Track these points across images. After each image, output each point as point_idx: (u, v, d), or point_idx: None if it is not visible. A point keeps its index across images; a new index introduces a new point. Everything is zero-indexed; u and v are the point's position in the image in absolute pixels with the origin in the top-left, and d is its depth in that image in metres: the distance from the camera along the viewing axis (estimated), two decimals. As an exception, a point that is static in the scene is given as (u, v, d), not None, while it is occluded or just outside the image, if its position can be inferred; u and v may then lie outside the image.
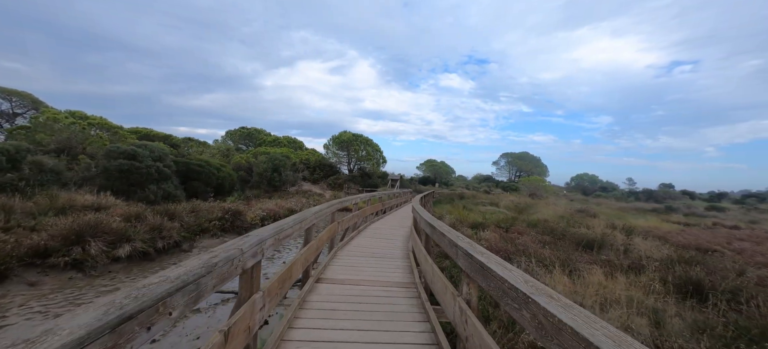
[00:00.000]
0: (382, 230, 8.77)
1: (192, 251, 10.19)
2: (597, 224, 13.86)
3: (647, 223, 19.43)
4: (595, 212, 22.05)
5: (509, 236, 10.98)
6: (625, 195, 44.15)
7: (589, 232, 11.18)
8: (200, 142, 37.17)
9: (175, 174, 17.91)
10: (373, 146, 34.48)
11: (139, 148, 16.40)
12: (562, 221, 16.89)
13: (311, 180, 29.55)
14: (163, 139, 36.86)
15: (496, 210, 19.68)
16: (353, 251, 6.03)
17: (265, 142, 42.96)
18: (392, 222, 10.75)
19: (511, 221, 14.37)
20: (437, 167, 62.54)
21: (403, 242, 7.33)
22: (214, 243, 11.28)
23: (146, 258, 8.91)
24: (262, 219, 14.80)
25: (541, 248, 8.53)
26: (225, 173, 21.43)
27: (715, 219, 23.86)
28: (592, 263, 7.45)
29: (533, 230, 12.90)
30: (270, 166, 24.18)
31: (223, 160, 30.65)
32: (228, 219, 12.75)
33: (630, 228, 12.88)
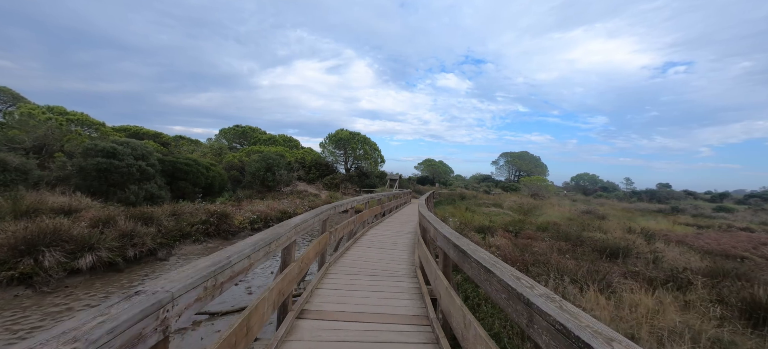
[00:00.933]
0: (382, 236, 7.75)
1: (169, 260, 9.12)
2: (611, 228, 12.93)
3: (658, 225, 18.55)
4: (603, 213, 21.18)
5: (521, 242, 10.02)
6: (627, 195, 43.43)
7: (608, 237, 10.23)
8: (192, 141, 35.96)
9: (160, 174, 16.78)
10: (371, 145, 33.43)
11: (120, 146, 15.26)
12: (572, 223, 15.98)
13: (307, 180, 28.45)
14: (153, 138, 35.65)
15: (500, 211, 18.73)
16: (348, 266, 5.00)
17: (260, 140, 41.79)
18: (394, 226, 9.73)
19: (519, 224, 13.41)
20: (436, 167, 61.62)
21: (408, 251, 6.32)
22: (195, 250, 10.22)
23: (113, 269, 7.84)
24: (252, 222, 13.75)
25: (560, 257, 7.55)
26: (215, 173, 20.31)
27: (724, 220, 23.09)
28: (623, 276, 6.47)
29: (544, 234, 11.95)
30: (263, 165, 23.08)
31: (216, 159, 29.52)
32: (213, 223, 11.68)
33: (649, 232, 11.95)
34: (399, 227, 9.75)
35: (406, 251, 6.41)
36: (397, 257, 5.85)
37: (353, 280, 4.33)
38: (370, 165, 33.05)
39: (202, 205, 14.15)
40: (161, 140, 35.22)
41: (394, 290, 4.08)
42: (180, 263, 9.01)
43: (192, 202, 16.86)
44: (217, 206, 14.10)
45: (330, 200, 23.23)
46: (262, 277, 7.37)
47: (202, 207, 13.22)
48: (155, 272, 8.20)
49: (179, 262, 9.11)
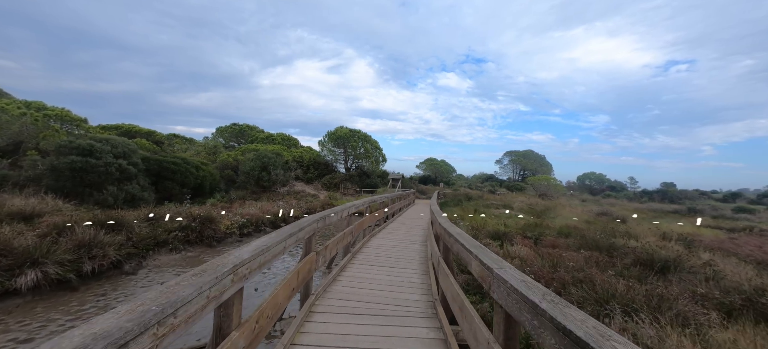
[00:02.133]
0: (386, 248, 6.41)
1: (137, 274, 7.82)
2: (641, 233, 11.56)
3: (682, 228, 17.17)
4: (619, 215, 19.81)
5: (546, 252, 8.69)
6: (637, 195, 41.98)
7: (645, 246, 8.89)
8: (186, 140, 34.71)
9: (143, 174, 15.49)
10: (372, 143, 32.07)
11: (98, 143, 13.97)
12: (592, 227, 14.63)
13: (304, 180, 27.14)
14: (146, 136, 34.42)
15: (511, 213, 17.38)
16: (343, 298, 3.68)
17: (258, 139, 40.52)
18: (399, 233, 8.40)
19: (537, 229, 12.07)
20: (438, 166, 60.30)
21: (420, 271, 4.99)
22: (171, 260, 8.92)
23: (65, 288, 6.55)
24: (241, 227, 12.45)
25: (602, 274, 6.21)
26: (205, 173, 19.01)
27: (747, 222, 21.70)
28: (692, 300, 5.14)
29: (567, 240, 10.62)
30: (258, 164, 21.78)
31: (210, 158, 28.27)
32: (195, 228, 10.38)
33: (687, 239, 10.60)
34: (405, 234, 8.43)
35: (417, 269, 5.08)
36: (408, 279, 4.53)
37: (348, 324, 3.00)
38: (371, 164, 31.72)
39: (186, 208, 12.86)
40: (154, 139, 33.97)
41: (407, 339, 2.76)
42: (150, 278, 7.71)
43: (180, 204, 15.60)
44: (202, 208, 12.80)
45: (329, 200, 21.94)
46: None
47: (184, 210, 11.91)
48: (117, 290, 6.91)
49: (149, 276, 7.81)
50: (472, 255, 2.14)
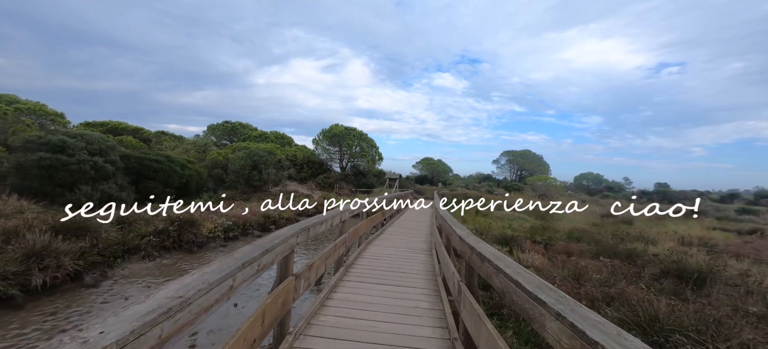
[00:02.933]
0: (384, 260, 5.51)
1: (100, 286, 6.84)
2: (657, 237, 10.82)
3: (690, 230, 16.56)
4: (624, 217, 19.17)
5: (561, 260, 7.88)
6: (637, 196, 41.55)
7: (670, 253, 8.11)
8: (175, 137, 33.48)
9: (122, 172, 14.42)
10: (368, 141, 31.11)
11: (71, 139, 12.88)
12: (600, 230, 13.90)
13: (298, 179, 26.14)
14: (133, 133, 33.21)
15: (515, 215, 16.60)
16: (332, 339, 2.77)
17: (250, 137, 39.38)
18: (399, 239, 7.50)
19: (546, 233, 11.28)
20: (434, 166, 59.57)
21: (428, 294, 4.09)
22: (143, 269, 7.93)
23: (6, 305, 5.55)
24: (227, 230, 11.47)
25: (635, 289, 5.38)
26: (191, 171, 17.95)
27: (753, 224, 21.20)
28: (750, 324, 4.33)
29: (578, 244, 9.83)
30: (248, 163, 20.75)
31: (199, 156, 27.16)
32: (172, 233, 9.39)
33: (709, 243, 9.87)
34: (406, 240, 7.54)
35: (425, 287, 4.19)
36: (415, 303, 3.64)
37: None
38: (367, 163, 30.78)
39: (163, 210, 11.84)
40: (142, 136, 32.73)
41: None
42: (115, 291, 6.73)
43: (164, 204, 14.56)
44: (184, 210, 11.79)
45: (322, 201, 20.98)
46: None
47: (163, 212, 10.91)
48: (71, 307, 5.94)
49: (114, 288, 6.83)
50: (529, 297, 1.26)
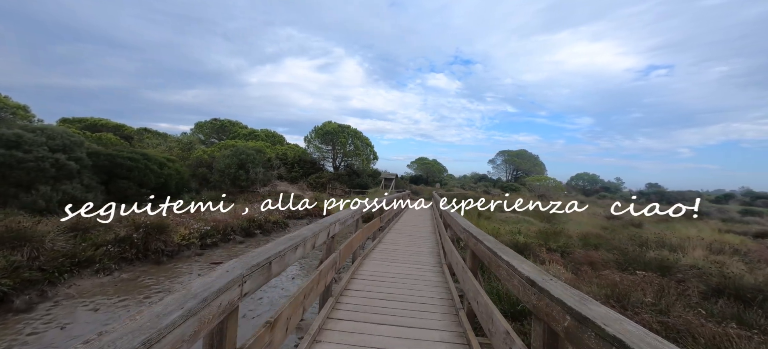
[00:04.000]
0: (385, 284, 4.37)
1: (34, 310, 5.56)
2: (677, 241, 9.86)
3: (700, 233, 15.77)
4: (630, 219, 18.35)
5: (586, 271, 6.84)
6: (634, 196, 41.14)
7: (709, 264, 7.13)
8: (159, 134, 31.85)
9: (89, 171, 13.01)
10: (363, 140, 29.89)
11: (30, 134, 11.47)
12: (612, 234, 12.97)
13: (289, 179, 24.84)
14: (114, 130, 31.52)
15: (518, 217, 15.62)
16: None
17: (239, 135, 37.85)
18: (400, 252, 6.36)
19: (559, 239, 10.25)
20: (429, 166, 58.65)
21: (448, 329, 2.95)
22: (96, 286, 6.66)
23: None
24: (204, 236, 10.20)
25: (694, 316, 4.34)
26: (171, 170, 16.57)
27: (759, 225, 20.61)
28: None
29: (597, 252, 8.82)
30: (234, 161, 19.41)
31: (184, 154, 25.67)
32: (136, 241, 8.10)
33: (740, 250, 8.95)
34: (409, 252, 6.41)
35: (444, 327, 3.05)
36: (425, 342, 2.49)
37: None
38: (361, 162, 29.58)
39: (132, 213, 10.53)
40: (123, 133, 31.07)
41: None
42: (52, 315, 5.47)
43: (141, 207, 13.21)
44: (155, 215, 10.48)
45: (315, 201, 19.75)
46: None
47: (129, 217, 9.60)
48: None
49: (53, 312, 5.57)
50: None
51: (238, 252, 10.10)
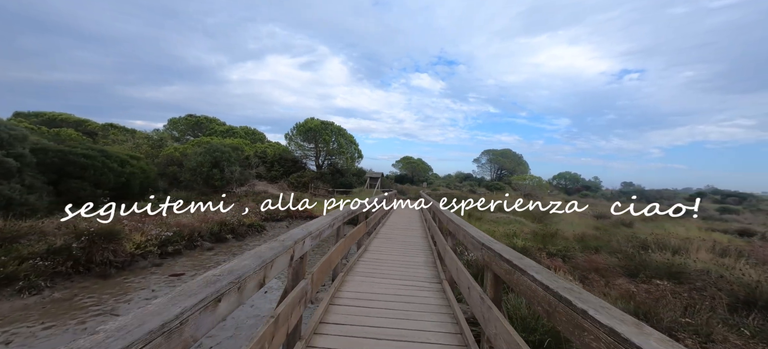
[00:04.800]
0: (375, 307, 3.47)
1: None
2: (678, 242, 9.44)
3: (688, 232, 15.73)
4: (620, 219, 18.20)
5: (595, 279, 6.18)
6: (614, 195, 41.96)
7: (718, 268, 6.61)
8: (127, 130, 29.62)
9: (35, 169, 11.43)
10: (347, 137, 28.74)
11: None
12: (605, 233, 12.56)
13: (268, 178, 23.46)
14: (75, 125, 29.13)
15: (509, 218, 15.05)
16: None
17: (217, 132, 35.94)
18: (389, 264, 5.46)
19: (559, 242, 9.65)
20: (414, 165, 58.12)
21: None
22: (14, 309, 5.42)
23: None
24: (164, 243, 8.97)
25: (744, 342, 3.66)
26: (134, 169, 15.03)
27: (737, 223, 21.00)
28: None
29: (598, 255, 8.24)
30: (207, 159, 17.96)
31: (153, 151, 23.84)
32: (75, 251, 6.83)
33: (743, 251, 8.56)
34: (400, 260, 5.54)
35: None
36: None
37: None
38: (345, 161, 28.49)
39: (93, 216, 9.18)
40: (86, 129, 28.73)
41: None
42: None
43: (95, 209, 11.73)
44: (109, 220, 9.14)
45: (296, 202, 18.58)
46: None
47: (71, 222, 8.26)
48: None
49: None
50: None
51: (204, 261, 8.93)
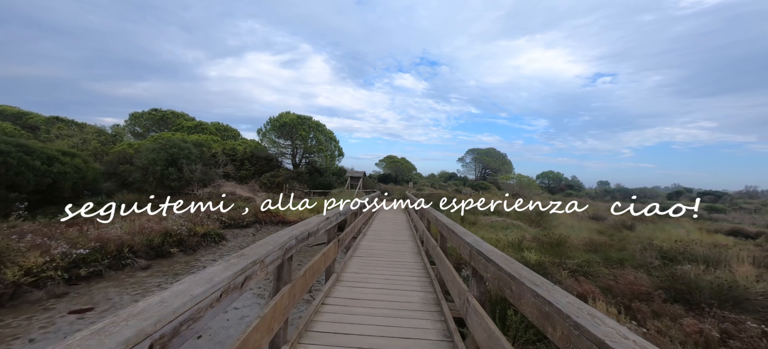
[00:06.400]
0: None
1: None
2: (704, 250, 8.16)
3: (691, 235, 14.81)
4: (617, 220, 17.20)
5: (640, 311, 4.67)
6: (599, 194, 41.93)
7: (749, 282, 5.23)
8: (77, 124, 26.33)
9: None
10: (327, 134, 26.63)
11: None
12: (613, 238, 11.32)
13: (237, 178, 21.14)
14: (15, 118, 25.71)
15: (504, 222, 13.60)
16: None
17: (184, 127, 32.94)
18: (375, 302, 3.66)
19: (570, 252, 8.17)
20: (398, 164, 56.53)
21: None
22: None
23: None
24: (75, 264, 6.83)
25: None
26: (66, 167, 12.52)
27: (728, 223, 20.62)
28: None
29: (626, 270, 6.81)
30: (162, 156, 15.56)
31: (103, 148, 21.01)
32: None
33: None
34: (390, 298, 3.76)
35: None
36: None
37: None
38: (325, 159, 26.43)
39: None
40: (26, 122, 25.33)
41: None
42: None
43: (7, 217, 9.30)
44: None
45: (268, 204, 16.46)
46: None
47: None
48: None
49: None
50: None
51: (129, 286, 6.84)
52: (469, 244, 2.46)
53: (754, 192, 46.91)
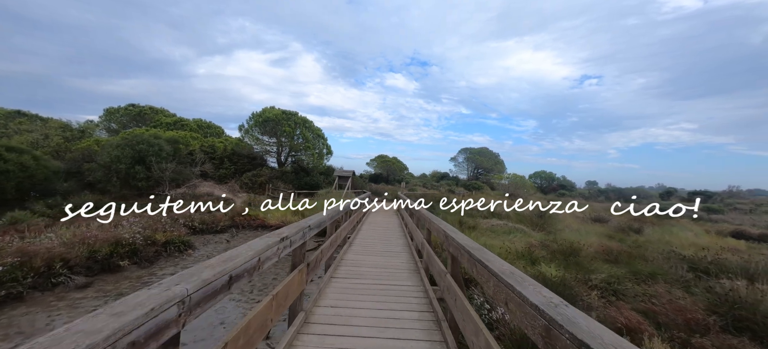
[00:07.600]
0: None
1: None
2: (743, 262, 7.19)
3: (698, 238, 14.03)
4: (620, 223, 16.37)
5: (699, 345, 3.60)
6: (593, 194, 41.55)
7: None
8: (41, 118, 24.27)
9: None
10: (314, 131, 25.19)
11: None
12: (623, 243, 10.36)
13: (216, 177, 19.60)
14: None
15: (506, 225, 12.53)
16: None
17: (162, 124, 31.03)
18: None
19: (589, 263, 7.10)
20: (390, 164, 55.35)
21: None
22: None
23: None
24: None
25: None
26: (9, 165, 10.90)
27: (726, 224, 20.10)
28: None
29: (659, 285, 5.76)
30: (127, 154, 13.97)
31: (67, 144, 19.20)
32: None
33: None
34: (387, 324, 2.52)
35: None
36: None
37: None
38: (312, 158, 25.02)
39: None
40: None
41: None
42: None
43: None
44: None
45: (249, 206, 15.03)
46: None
47: None
48: None
49: None
50: None
51: (63, 308, 5.44)
52: (537, 307, 1.26)
53: (737, 192, 47.35)
